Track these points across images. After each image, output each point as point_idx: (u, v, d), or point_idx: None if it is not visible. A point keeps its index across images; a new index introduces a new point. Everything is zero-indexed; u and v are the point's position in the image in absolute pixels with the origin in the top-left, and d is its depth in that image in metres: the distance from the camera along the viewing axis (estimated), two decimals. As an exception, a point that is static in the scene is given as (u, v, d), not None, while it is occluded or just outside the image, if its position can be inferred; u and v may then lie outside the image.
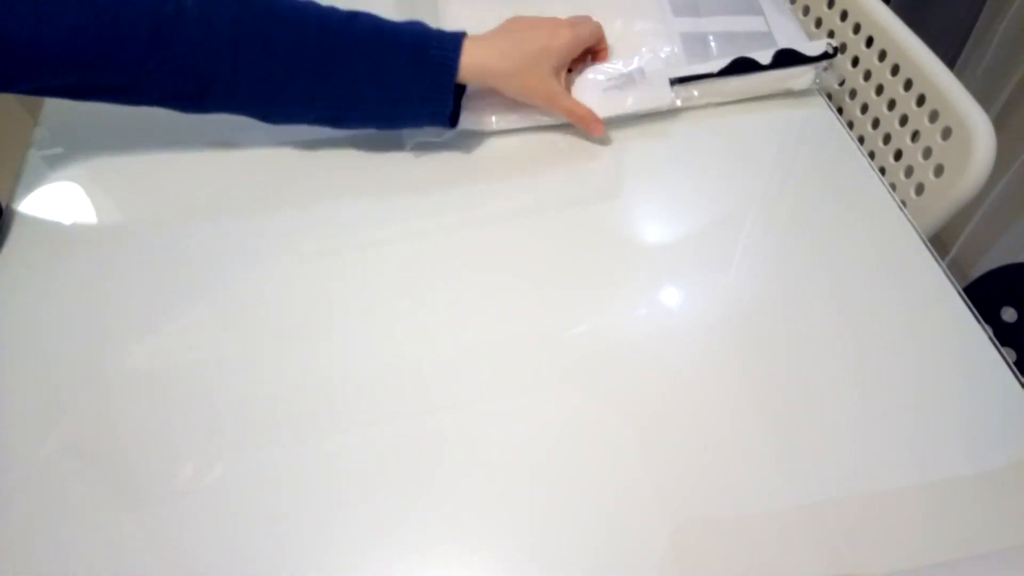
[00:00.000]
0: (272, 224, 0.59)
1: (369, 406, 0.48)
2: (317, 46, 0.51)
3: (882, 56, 0.69)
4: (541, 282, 0.54)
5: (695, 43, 0.67)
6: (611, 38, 0.66)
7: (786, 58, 0.65)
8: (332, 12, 0.53)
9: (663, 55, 0.66)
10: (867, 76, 0.71)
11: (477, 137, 0.64)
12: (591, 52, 0.64)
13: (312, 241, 0.58)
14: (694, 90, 0.65)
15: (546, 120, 0.64)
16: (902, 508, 0.43)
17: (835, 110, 0.67)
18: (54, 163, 0.65)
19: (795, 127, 0.66)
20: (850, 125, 0.66)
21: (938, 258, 0.54)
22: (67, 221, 0.60)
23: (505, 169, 0.62)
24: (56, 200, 0.62)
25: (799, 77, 0.66)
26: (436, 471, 0.45)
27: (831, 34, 0.76)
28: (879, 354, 0.50)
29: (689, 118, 0.66)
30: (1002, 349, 0.49)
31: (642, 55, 0.65)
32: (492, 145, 0.64)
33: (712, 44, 0.68)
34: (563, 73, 0.60)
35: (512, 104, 0.62)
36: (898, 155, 0.68)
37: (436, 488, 0.44)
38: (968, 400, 0.47)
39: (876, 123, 0.71)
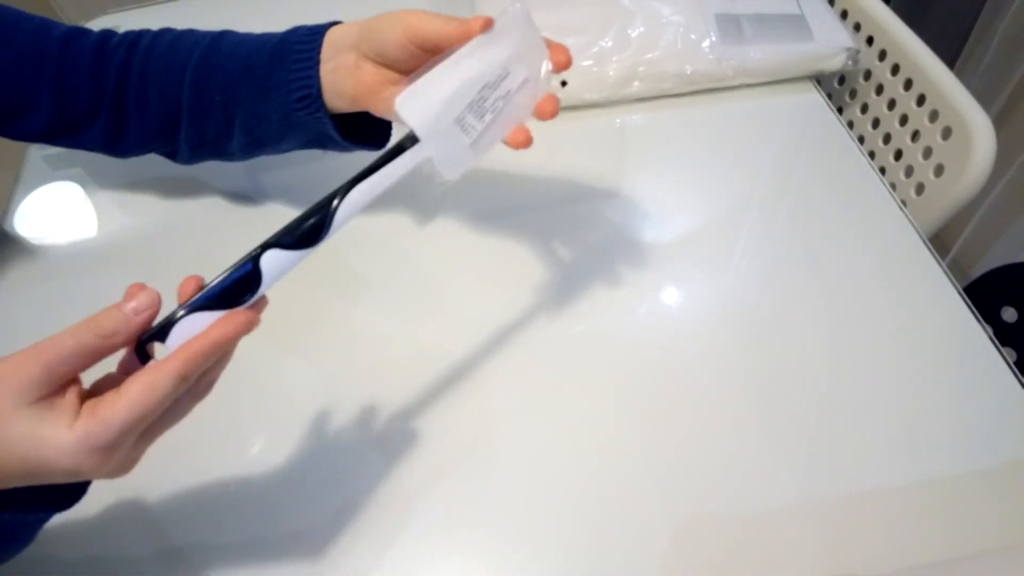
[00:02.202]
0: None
1: (365, 404, 0.48)
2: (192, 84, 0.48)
3: (882, 56, 0.69)
4: (540, 282, 0.54)
5: (728, 24, 0.68)
6: (646, 20, 0.67)
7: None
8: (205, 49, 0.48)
9: (705, 45, 0.66)
10: (867, 76, 0.71)
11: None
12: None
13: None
14: (728, 69, 0.66)
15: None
16: (902, 507, 0.43)
17: (835, 110, 0.67)
18: (54, 163, 0.65)
19: (795, 127, 0.66)
20: (850, 125, 0.66)
21: (938, 258, 0.54)
22: (67, 221, 0.60)
23: (501, 170, 0.62)
24: (56, 200, 0.62)
25: (831, 59, 0.67)
26: (435, 469, 0.45)
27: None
28: (879, 353, 0.50)
29: (688, 117, 0.66)
30: (1002, 349, 0.49)
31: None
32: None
33: (745, 26, 0.68)
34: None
35: None
36: (898, 155, 0.68)
37: (435, 486, 0.44)
38: (968, 400, 0.47)
39: (876, 123, 0.71)
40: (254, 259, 0.31)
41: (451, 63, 0.35)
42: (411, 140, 0.34)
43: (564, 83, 0.66)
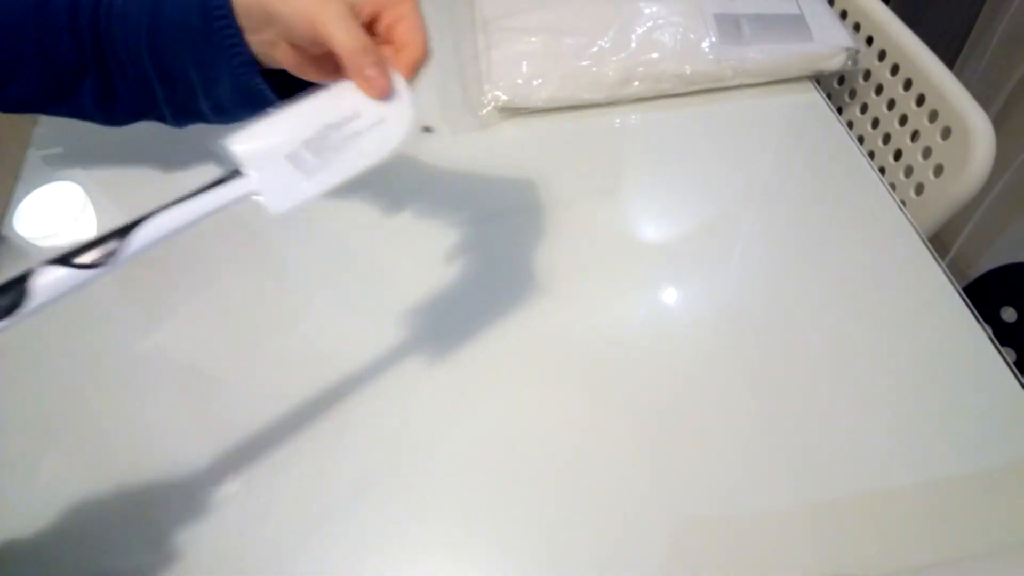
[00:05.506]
0: (276, 228, 0.59)
1: (362, 406, 0.48)
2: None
3: (882, 56, 0.69)
4: (538, 282, 0.54)
5: (728, 25, 0.68)
6: (646, 20, 0.67)
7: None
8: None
9: (704, 46, 0.67)
10: (867, 76, 0.71)
11: (471, 138, 0.64)
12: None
13: (314, 245, 0.58)
14: (728, 69, 0.66)
15: None
16: (902, 508, 0.43)
17: (835, 110, 0.67)
18: (54, 163, 0.65)
19: (794, 127, 0.66)
20: (850, 125, 0.66)
21: (938, 258, 0.54)
22: (66, 221, 0.60)
23: (500, 170, 0.62)
24: (56, 200, 0.62)
25: (831, 59, 0.67)
26: (433, 470, 0.45)
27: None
28: (879, 354, 0.50)
29: (687, 118, 0.66)
30: (1002, 349, 0.49)
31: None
32: (486, 146, 0.64)
33: (744, 26, 0.68)
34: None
35: None
36: (898, 155, 0.68)
37: (434, 487, 0.44)
38: (968, 400, 0.47)
39: (876, 123, 0.71)
40: (22, 278, 0.29)
41: (300, 105, 0.35)
42: (235, 173, 0.34)
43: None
